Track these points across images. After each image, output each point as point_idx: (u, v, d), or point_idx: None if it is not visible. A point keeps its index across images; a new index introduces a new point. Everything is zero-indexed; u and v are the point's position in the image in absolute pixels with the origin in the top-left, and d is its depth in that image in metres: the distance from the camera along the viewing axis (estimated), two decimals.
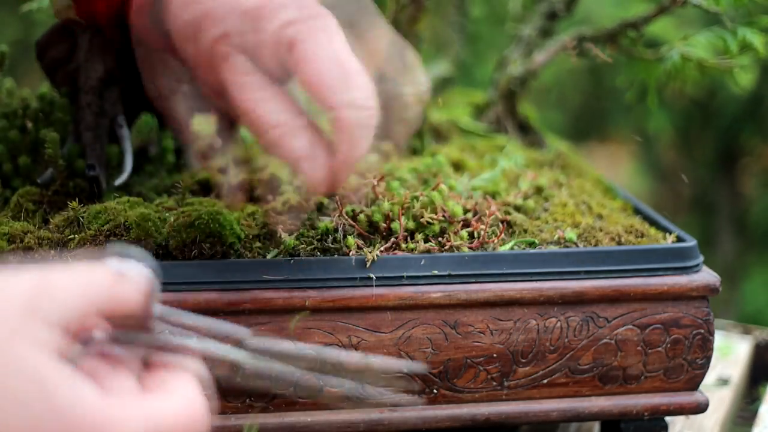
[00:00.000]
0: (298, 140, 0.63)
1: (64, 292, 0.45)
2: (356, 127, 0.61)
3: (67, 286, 0.45)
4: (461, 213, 0.75)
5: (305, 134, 0.63)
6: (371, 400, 0.55)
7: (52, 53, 0.81)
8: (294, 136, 0.63)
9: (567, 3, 1.02)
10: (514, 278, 0.70)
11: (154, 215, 0.70)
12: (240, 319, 0.67)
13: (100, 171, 0.75)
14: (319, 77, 0.61)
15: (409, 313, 0.69)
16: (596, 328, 0.72)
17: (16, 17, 2.26)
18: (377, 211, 0.74)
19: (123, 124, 0.78)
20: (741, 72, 0.93)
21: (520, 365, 0.71)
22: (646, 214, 0.84)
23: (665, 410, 0.74)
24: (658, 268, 0.72)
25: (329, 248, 0.72)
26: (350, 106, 0.61)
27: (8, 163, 0.78)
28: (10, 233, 0.68)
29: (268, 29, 0.62)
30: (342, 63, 0.61)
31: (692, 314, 0.73)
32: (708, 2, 0.88)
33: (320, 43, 0.61)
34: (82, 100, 0.76)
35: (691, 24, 1.73)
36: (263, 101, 0.63)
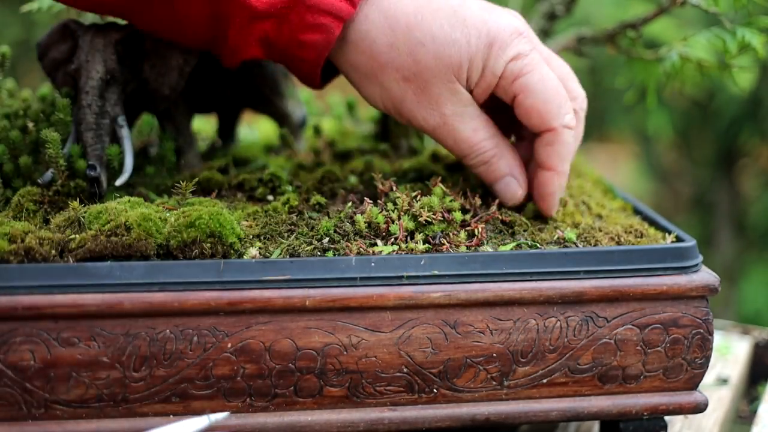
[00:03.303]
0: (503, 162, 0.78)
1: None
2: (570, 144, 0.77)
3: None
4: (460, 213, 0.75)
5: (509, 155, 0.78)
6: None
7: (53, 54, 0.81)
8: (501, 158, 0.78)
9: (566, 3, 1.02)
10: (514, 278, 0.71)
11: (154, 215, 0.70)
12: (240, 319, 0.68)
13: (101, 171, 0.76)
14: (544, 105, 0.75)
15: (409, 313, 0.69)
16: (596, 328, 0.72)
17: (17, 18, 2.26)
18: (376, 212, 0.74)
19: (124, 125, 0.79)
20: (740, 72, 0.93)
21: (520, 365, 0.71)
22: (646, 215, 0.84)
23: (664, 410, 0.74)
24: (657, 268, 0.72)
25: (329, 248, 0.72)
26: (566, 127, 0.76)
27: (9, 164, 0.78)
28: (11, 233, 0.68)
29: (498, 65, 0.74)
30: (558, 91, 0.75)
31: (691, 314, 0.73)
32: (707, 3, 0.88)
33: (542, 75, 0.74)
34: (83, 100, 0.77)
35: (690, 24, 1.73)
36: (478, 130, 0.76)
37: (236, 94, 0.93)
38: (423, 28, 0.73)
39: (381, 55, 0.74)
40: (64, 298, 0.66)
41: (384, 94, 0.76)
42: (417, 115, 0.76)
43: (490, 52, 0.73)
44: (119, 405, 0.67)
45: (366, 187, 0.83)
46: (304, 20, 0.73)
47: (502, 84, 0.75)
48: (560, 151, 0.76)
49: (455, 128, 0.76)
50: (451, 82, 0.74)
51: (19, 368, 0.66)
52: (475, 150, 0.77)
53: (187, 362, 0.67)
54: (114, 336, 0.66)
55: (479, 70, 0.74)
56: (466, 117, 0.76)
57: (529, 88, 0.74)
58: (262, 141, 1.03)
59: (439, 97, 0.75)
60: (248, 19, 0.73)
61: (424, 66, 0.74)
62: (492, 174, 0.78)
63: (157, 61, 0.81)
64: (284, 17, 0.73)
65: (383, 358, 0.69)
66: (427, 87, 0.74)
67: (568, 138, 0.76)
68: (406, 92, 0.75)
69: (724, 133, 2.36)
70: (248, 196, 0.82)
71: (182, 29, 0.76)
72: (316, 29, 0.73)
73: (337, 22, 0.73)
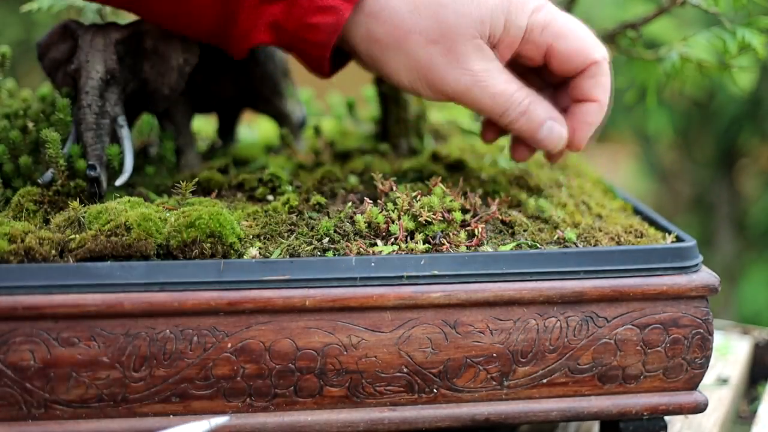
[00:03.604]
0: (540, 107, 0.78)
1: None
2: (609, 76, 0.79)
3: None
4: (460, 213, 0.75)
5: (541, 100, 0.79)
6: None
7: (53, 54, 0.81)
8: (538, 105, 0.78)
9: (566, 3, 1.02)
10: (514, 278, 0.71)
11: (154, 215, 0.70)
12: (240, 319, 0.68)
13: (101, 171, 0.76)
14: (582, 42, 0.77)
15: (409, 313, 0.69)
16: (596, 328, 0.72)
17: (17, 18, 2.26)
18: (376, 212, 0.74)
19: (124, 125, 0.79)
20: (740, 73, 0.93)
21: (520, 365, 0.71)
22: (646, 215, 0.84)
23: (664, 410, 0.74)
24: (657, 268, 0.72)
25: (329, 248, 0.72)
26: (605, 58, 0.78)
27: (9, 164, 0.78)
28: (11, 233, 0.68)
29: (521, 19, 0.75)
30: (585, 28, 0.78)
31: (691, 314, 0.73)
32: (707, 3, 0.88)
33: (566, 18, 0.77)
34: (83, 100, 0.77)
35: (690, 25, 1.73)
36: (510, 82, 0.77)
37: (236, 94, 0.93)
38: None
39: (404, 22, 0.75)
40: (64, 298, 0.66)
41: (410, 63, 0.76)
42: (447, 77, 0.76)
43: (510, 7, 0.75)
44: (119, 405, 0.67)
45: (366, 187, 0.83)
46: (313, 2, 0.73)
47: (529, 38, 0.76)
48: (604, 82, 0.78)
49: (489, 83, 0.76)
50: (475, 38, 0.75)
51: (19, 368, 0.66)
52: (513, 101, 0.77)
53: (187, 362, 0.67)
54: (114, 336, 0.66)
55: (501, 26, 0.75)
56: (495, 71, 0.76)
57: (563, 32, 0.76)
58: (262, 141, 1.03)
59: (467, 54, 0.75)
60: (258, 3, 0.73)
61: (448, 25, 0.74)
62: (534, 122, 0.78)
63: (157, 61, 0.81)
64: (294, 0, 0.73)
65: (383, 358, 0.69)
66: (454, 46, 0.75)
67: (608, 69, 0.78)
68: (433, 55, 0.75)
69: (724, 133, 2.36)
70: (248, 196, 0.82)
71: (190, 18, 0.76)
72: (326, 11, 0.73)
73: (347, 4, 0.73)
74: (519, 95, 0.77)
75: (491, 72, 0.76)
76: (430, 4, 0.74)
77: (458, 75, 0.76)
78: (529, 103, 0.78)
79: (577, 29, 0.77)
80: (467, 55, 0.75)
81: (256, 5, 0.74)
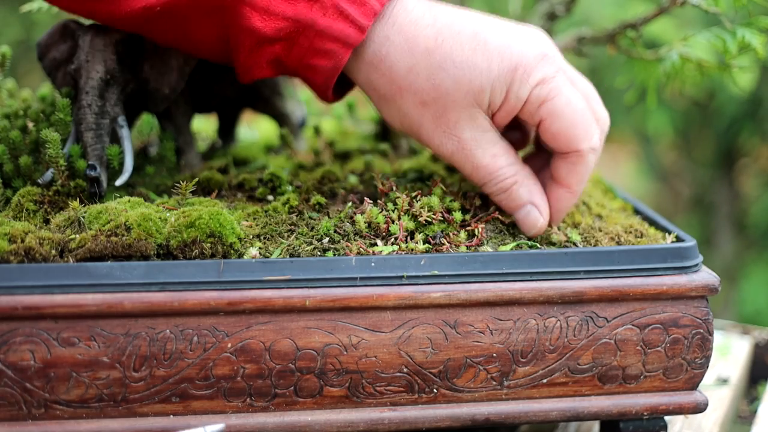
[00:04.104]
0: (524, 189, 0.75)
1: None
2: (591, 166, 0.76)
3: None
4: (460, 213, 0.75)
5: (530, 182, 0.76)
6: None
7: (53, 54, 0.81)
8: (521, 186, 0.75)
9: (567, 3, 1.02)
10: (514, 278, 0.71)
11: (154, 215, 0.70)
12: (240, 319, 0.68)
13: (101, 171, 0.76)
14: (572, 129, 0.73)
15: (409, 313, 0.69)
16: (596, 328, 0.72)
17: (17, 18, 2.26)
18: (376, 212, 0.74)
19: (124, 125, 0.79)
20: (740, 73, 0.93)
21: (520, 365, 0.71)
22: (646, 215, 0.84)
23: (664, 410, 0.74)
24: (657, 268, 0.72)
25: (329, 248, 0.72)
26: (592, 149, 0.75)
27: (9, 164, 0.78)
28: (11, 233, 0.68)
29: (523, 91, 0.72)
30: (585, 114, 0.74)
31: (691, 314, 0.73)
32: (707, 3, 0.88)
33: (568, 99, 0.73)
34: (83, 100, 0.77)
35: (690, 24, 1.73)
36: (498, 156, 0.74)
37: (236, 94, 0.93)
38: (443, 51, 0.72)
39: (400, 79, 0.73)
40: (64, 298, 0.66)
41: (402, 117, 0.75)
42: (434, 139, 0.75)
43: (514, 76, 0.72)
44: (119, 405, 0.67)
45: (366, 187, 0.83)
46: (313, 45, 0.72)
47: (527, 109, 0.73)
48: (581, 171, 0.75)
49: (473, 154, 0.74)
50: (470, 107, 0.73)
51: (19, 368, 0.66)
52: (494, 177, 0.75)
53: (187, 362, 0.67)
54: (114, 336, 0.66)
55: (502, 95, 0.72)
56: (484, 143, 0.74)
57: (557, 113, 0.73)
58: (262, 141, 1.03)
59: (458, 122, 0.73)
60: (257, 44, 0.72)
61: (444, 91, 0.72)
62: (513, 202, 0.76)
63: (157, 61, 0.81)
64: (294, 41, 0.72)
65: (383, 358, 0.69)
66: (446, 112, 0.73)
67: (591, 160, 0.75)
68: (423, 117, 0.74)
69: (724, 133, 2.36)
70: (248, 196, 0.82)
71: (197, 49, 0.77)
72: (324, 55, 0.72)
73: (345, 49, 0.72)
74: (504, 172, 0.75)
75: (479, 142, 0.74)
76: (429, 65, 0.72)
77: (445, 140, 0.74)
78: (513, 183, 0.75)
79: (575, 113, 0.73)
80: (458, 122, 0.73)
81: (255, 47, 0.73)
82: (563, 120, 0.73)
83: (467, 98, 0.72)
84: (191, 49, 0.77)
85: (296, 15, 0.71)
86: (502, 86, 0.72)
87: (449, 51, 0.72)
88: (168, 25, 0.73)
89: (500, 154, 0.75)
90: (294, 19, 0.71)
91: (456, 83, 0.72)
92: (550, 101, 0.72)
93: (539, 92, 0.72)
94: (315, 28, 0.71)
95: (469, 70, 0.71)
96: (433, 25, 0.73)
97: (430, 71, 0.72)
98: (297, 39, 0.72)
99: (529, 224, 0.76)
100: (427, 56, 0.72)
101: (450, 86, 0.72)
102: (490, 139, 0.74)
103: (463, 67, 0.71)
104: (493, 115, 0.74)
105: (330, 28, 0.71)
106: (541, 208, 0.76)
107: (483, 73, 0.71)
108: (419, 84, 0.72)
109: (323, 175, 0.84)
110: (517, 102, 0.73)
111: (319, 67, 0.73)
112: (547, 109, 0.72)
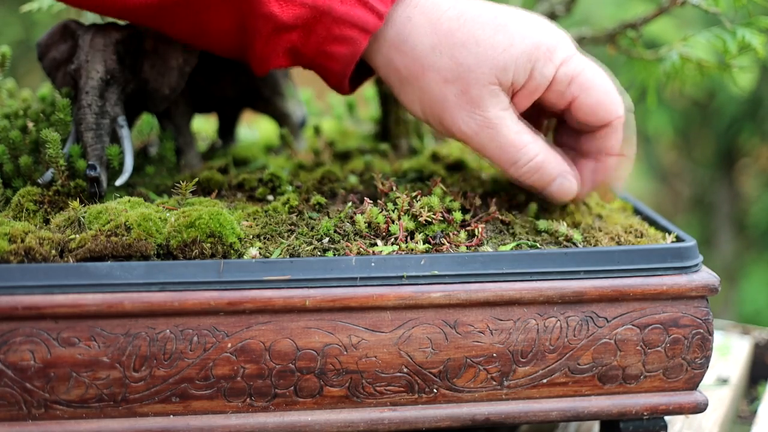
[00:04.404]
0: (553, 163, 0.76)
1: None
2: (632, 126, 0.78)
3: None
4: (460, 213, 0.75)
5: (554, 154, 0.76)
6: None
7: (53, 54, 0.81)
8: (550, 162, 0.76)
9: (567, 3, 1.02)
10: (514, 278, 0.71)
11: (154, 215, 0.70)
12: (240, 319, 0.68)
13: (101, 171, 0.76)
14: (608, 97, 0.75)
15: (409, 313, 0.69)
16: (596, 328, 0.72)
17: (17, 18, 2.26)
18: (376, 212, 0.74)
19: (124, 125, 0.79)
20: (740, 73, 0.93)
21: (520, 365, 0.71)
22: (646, 215, 0.84)
23: (664, 410, 0.74)
24: (657, 268, 0.72)
25: (329, 248, 0.72)
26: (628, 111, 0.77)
27: (9, 164, 0.78)
28: (11, 233, 0.68)
29: (548, 69, 0.73)
30: (611, 82, 0.76)
31: (691, 314, 0.73)
32: (707, 3, 0.88)
33: (595, 71, 0.75)
34: (83, 100, 0.77)
35: (690, 24, 1.73)
36: (522, 133, 0.75)
37: (236, 94, 0.93)
38: (466, 31, 0.73)
39: (423, 58, 0.73)
40: (64, 298, 0.66)
41: (424, 98, 0.75)
42: (457, 118, 0.75)
43: (538, 55, 0.73)
44: (119, 405, 0.67)
45: (366, 187, 0.83)
46: (330, 32, 0.72)
47: (556, 89, 0.74)
48: (626, 135, 0.77)
49: (498, 131, 0.74)
50: (492, 84, 0.73)
51: (19, 368, 0.66)
52: (523, 154, 0.75)
53: (187, 362, 0.67)
54: (114, 336, 0.66)
55: (526, 74, 0.73)
56: (507, 119, 0.74)
57: (589, 85, 0.74)
58: (262, 141, 1.03)
59: (481, 99, 0.74)
60: (274, 31, 0.73)
61: (467, 68, 0.73)
62: (545, 179, 0.76)
63: (157, 61, 0.81)
64: (311, 28, 0.72)
65: (383, 358, 0.69)
66: (469, 89, 0.73)
67: (631, 121, 0.78)
68: (446, 95, 0.74)
69: (724, 133, 2.37)
70: (248, 196, 0.82)
71: (210, 41, 0.76)
72: (343, 41, 0.72)
73: (364, 35, 0.72)
74: (530, 149, 0.75)
75: (503, 119, 0.74)
76: (452, 43, 0.73)
77: (468, 118, 0.74)
78: (542, 160, 0.75)
79: (603, 83, 0.75)
80: (481, 99, 0.74)
81: (272, 34, 0.73)
82: (598, 91, 0.75)
83: (490, 75, 0.73)
84: (204, 42, 0.77)
85: (314, 1, 0.72)
86: (526, 65, 0.73)
87: (471, 30, 0.73)
88: (183, 14, 0.73)
89: (523, 131, 0.75)
90: (312, 5, 0.72)
91: (478, 60, 0.73)
92: (580, 76, 0.74)
93: (566, 70, 0.74)
94: (332, 14, 0.72)
95: (492, 48, 0.73)
96: (454, 7, 0.74)
97: (453, 50, 0.73)
98: (314, 26, 0.72)
99: (564, 193, 0.77)
100: (450, 35, 0.73)
101: (473, 63, 0.73)
102: (511, 116, 0.75)
103: (486, 45, 0.73)
104: (514, 96, 0.75)
105: (347, 14, 0.72)
106: (571, 175, 0.77)
107: (507, 51, 0.73)
108: (443, 62, 0.73)
109: (323, 175, 0.84)
110: (543, 81, 0.74)
111: (336, 54, 0.73)
112: (579, 84, 0.74)
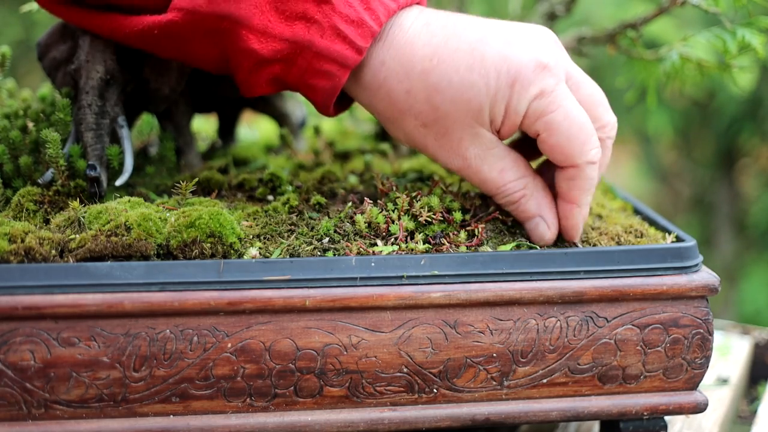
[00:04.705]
0: (532, 202, 0.75)
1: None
2: (593, 179, 0.74)
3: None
4: (460, 213, 0.75)
5: (539, 195, 0.75)
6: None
7: (53, 54, 0.81)
8: (530, 199, 0.75)
9: (567, 3, 1.02)
10: (514, 278, 0.71)
11: (154, 215, 0.70)
12: (240, 319, 0.68)
13: (101, 171, 0.76)
14: (568, 143, 0.72)
15: (409, 313, 0.69)
16: (596, 328, 0.72)
17: (17, 18, 2.26)
18: (376, 212, 0.74)
19: (124, 125, 0.79)
20: (740, 73, 0.93)
21: (520, 365, 0.71)
22: (646, 215, 0.84)
23: (664, 410, 0.74)
24: (657, 268, 0.73)
25: (329, 248, 0.72)
26: (590, 163, 0.73)
27: (9, 164, 0.78)
28: (11, 233, 0.68)
29: (522, 105, 0.71)
30: (583, 128, 0.72)
31: (691, 314, 0.73)
32: (707, 3, 0.88)
33: (566, 113, 0.71)
34: (83, 100, 0.77)
35: (690, 24, 1.73)
36: (506, 170, 0.74)
37: (236, 94, 0.93)
38: (439, 72, 0.71)
39: (399, 102, 0.72)
40: (64, 298, 0.66)
41: (406, 137, 0.75)
42: (440, 158, 0.74)
43: (512, 91, 0.70)
44: (119, 405, 0.67)
45: (366, 187, 0.83)
46: (311, 65, 0.71)
47: (525, 122, 0.72)
48: (582, 185, 0.74)
49: (479, 170, 0.74)
50: (471, 127, 0.72)
51: (19, 368, 0.66)
52: (502, 191, 0.75)
53: (187, 362, 0.67)
54: (114, 336, 0.66)
55: (502, 111, 0.71)
56: (490, 159, 0.73)
57: (553, 127, 0.71)
58: (262, 141, 1.03)
59: (461, 141, 0.73)
60: (256, 64, 0.72)
61: (443, 112, 0.72)
62: (522, 214, 0.76)
63: (157, 62, 0.81)
64: (292, 61, 0.72)
65: (383, 358, 0.69)
66: (448, 132, 0.73)
67: (591, 173, 0.74)
68: (426, 138, 0.73)
69: (724, 133, 2.37)
70: (248, 196, 0.82)
71: (200, 65, 0.77)
72: (323, 75, 0.72)
73: (343, 70, 0.71)
74: (511, 187, 0.74)
75: (484, 159, 0.73)
76: (426, 87, 0.71)
77: (449, 158, 0.74)
78: (521, 196, 0.75)
79: (572, 127, 0.71)
80: (461, 141, 0.73)
81: (255, 68, 0.72)
82: (559, 134, 0.71)
83: (467, 118, 0.72)
84: (194, 65, 0.77)
85: (294, 37, 0.71)
86: (501, 102, 0.71)
87: (445, 71, 0.71)
88: (169, 44, 0.74)
89: (508, 168, 0.74)
90: (292, 40, 0.71)
91: (454, 104, 0.71)
92: (547, 115, 0.71)
93: (537, 106, 0.71)
94: (313, 49, 0.71)
95: (467, 90, 0.71)
96: (429, 43, 0.71)
97: (428, 93, 0.71)
98: (295, 60, 0.72)
99: (536, 237, 0.76)
100: (424, 78, 0.71)
101: (449, 107, 0.71)
102: (496, 155, 0.74)
103: (459, 87, 0.71)
104: (499, 130, 0.73)
105: (327, 49, 0.71)
106: (549, 222, 0.75)
107: (481, 92, 0.70)
108: (418, 107, 0.72)
109: (323, 175, 0.84)
110: (517, 116, 0.71)
111: (318, 87, 0.73)
112: (544, 123, 0.71)
